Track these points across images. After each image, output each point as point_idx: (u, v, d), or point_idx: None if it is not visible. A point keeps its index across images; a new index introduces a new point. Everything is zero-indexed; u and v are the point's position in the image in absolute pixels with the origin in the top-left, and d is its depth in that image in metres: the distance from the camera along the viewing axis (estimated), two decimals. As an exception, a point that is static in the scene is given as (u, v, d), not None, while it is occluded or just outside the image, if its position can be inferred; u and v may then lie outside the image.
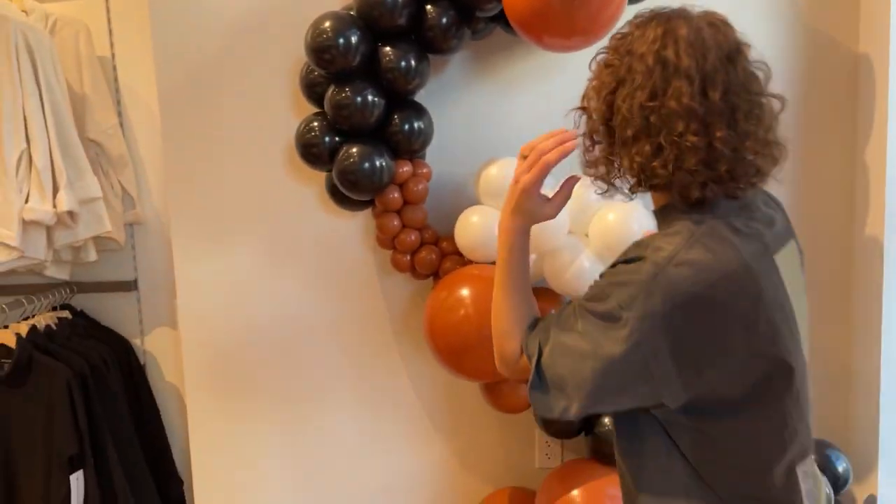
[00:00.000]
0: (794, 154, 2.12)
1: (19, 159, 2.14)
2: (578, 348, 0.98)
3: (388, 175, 1.92)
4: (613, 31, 1.12)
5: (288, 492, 2.37)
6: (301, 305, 2.29)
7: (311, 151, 1.96)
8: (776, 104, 1.06)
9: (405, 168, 1.96)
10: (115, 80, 2.52)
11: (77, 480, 2.21)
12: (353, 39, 1.82)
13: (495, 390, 2.02)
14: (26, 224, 2.16)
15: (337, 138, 1.93)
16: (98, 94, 2.44)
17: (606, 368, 0.95)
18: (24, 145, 2.14)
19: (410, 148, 1.94)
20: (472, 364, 1.87)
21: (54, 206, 2.17)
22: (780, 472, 0.98)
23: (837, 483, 1.95)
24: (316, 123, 1.95)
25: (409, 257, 2.06)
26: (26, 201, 2.16)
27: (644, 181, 1.00)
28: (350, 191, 1.93)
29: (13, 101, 2.12)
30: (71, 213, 2.22)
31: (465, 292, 1.88)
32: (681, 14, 1.02)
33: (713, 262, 0.94)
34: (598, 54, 1.08)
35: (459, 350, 1.86)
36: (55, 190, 2.19)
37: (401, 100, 1.94)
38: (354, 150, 1.88)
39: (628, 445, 1.06)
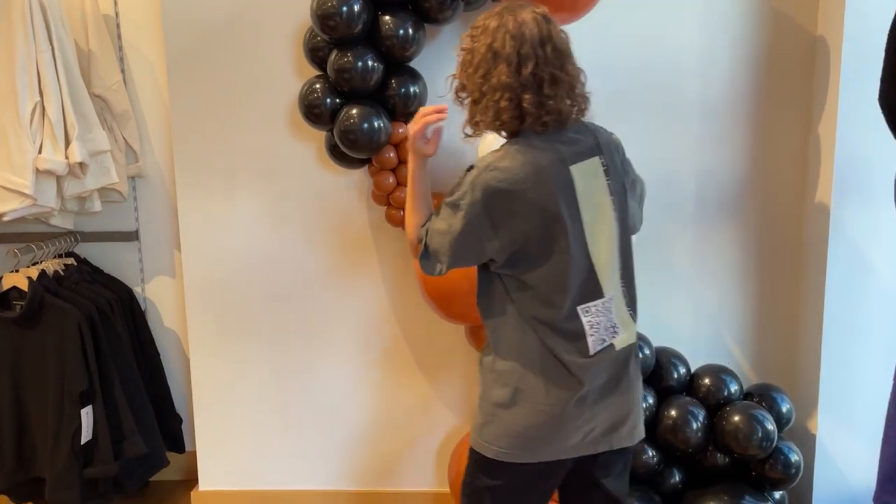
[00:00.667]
0: (755, 126, 2.33)
1: (33, 111, 2.25)
2: (441, 228, 1.49)
3: (386, 135, 2.08)
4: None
5: (282, 429, 2.55)
6: (298, 257, 2.45)
7: (314, 112, 2.11)
8: (578, 72, 1.49)
9: (401, 129, 2.12)
10: (119, 37, 2.62)
11: (87, 415, 2.37)
12: (356, 8, 1.96)
13: (479, 333, 2.21)
14: (39, 173, 2.28)
15: (338, 100, 2.08)
16: (103, 52, 2.54)
17: (456, 238, 1.46)
18: (38, 98, 2.25)
19: (406, 110, 2.10)
20: (459, 308, 2.06)
21: (66, 157, 2.29)
22: (565, 308, 1.46)
23: (781, 421, 2.19)
24: (318, 85, 2.10)
25: (402, 213, 2.22)
26: (40, 151, 2.27)
27: (484, 127, 1.49)
28: (350, 149, 2.08)
29: (27, 56, 2.23)
30: (81, 165, 2.34)
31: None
32: (513, 11, 1.45)
33: (513, 167, 1.43)
34: (461, 39, 1.50)
35: (449, 296, 2.04)
36: (67, 142, 2.31)
37: (398, 65, 2.09)
38: (355, 111, 2.03)
39: (483, 297, 1.57)
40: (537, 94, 1.42)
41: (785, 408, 2.21)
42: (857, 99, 2.09)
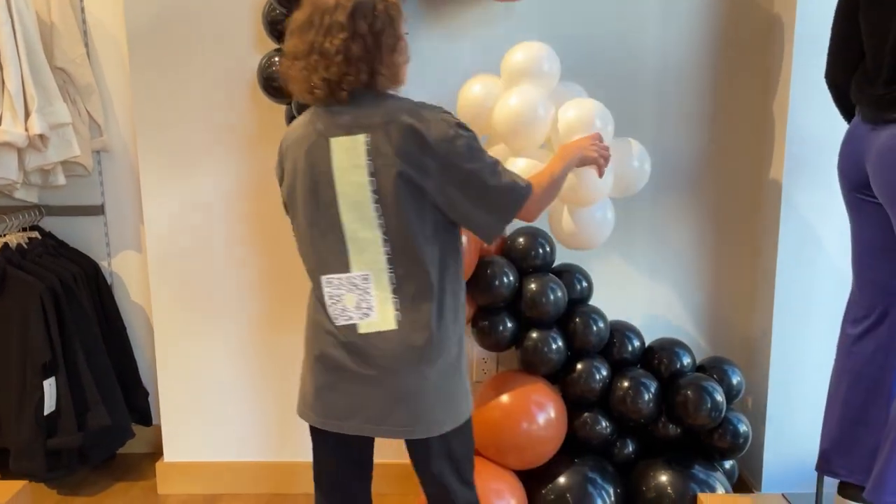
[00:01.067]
0: (712, 104, 2.37)
1: (-8, 83, 2.25)
2: None
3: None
4: None
5: (246, 402, 2.58)
6: (262, 231, 2.47)
7: (272, 85, 2.13)
8: (384, 43, 1.46)
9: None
10: (83, 11, 2.62)
11: (50, 386, 2.40)
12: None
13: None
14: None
15: (296, 73, 2.09)
16: (65, 25, 2.54)
17: None
18: (-3, 70, 2.26)
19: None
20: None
21: (26, 129, 2.30)
22: (312, 271, 1.56)
23: (731, 393, 2.25)
24: (277, 59, 2.11)
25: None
26: (-1, 124, 2.28)
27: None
28: (308, 123, 2.10)
29: (-14, 28, 2.23)
30: (42, 137, 2.35)
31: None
32: None
33: (288, 130, 1.58)
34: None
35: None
36: (27, 115, 2.31)
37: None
38: (312, 84, 2.05)
39: None
40: (307, 62, 1.44)
41: (735, 380, 2.27)
42: (809, 78, 2.12)
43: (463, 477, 1.63)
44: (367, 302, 1.50)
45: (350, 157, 1.46)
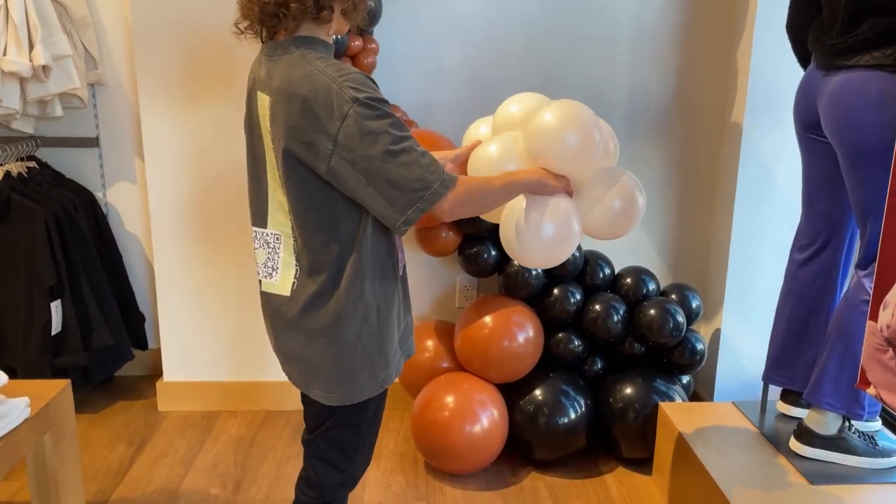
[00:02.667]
0: (682, 52, 2.55)
1: (-4, 13, 2.31)
2: None
3: (342, 46, 2.22)
4: None
5: (243, 325, 2.73)
6: (258, 163, 2.59)
7: (274, 22, 2.22)
8: None
9: (356, 42, 2.27)
10: (76, -57, 2.65)
11: (56, 308, 2.52)
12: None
13: (427, 235, 2.43)
14: (4, 75, 2.35)
15: (298, 11, 2.20)
16: (60, -44, 2.58)
17: None
18: (2, 1, 2.31)
19: (361, 23, 2.24)
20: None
21: (30, 59, 2.37)
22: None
23: (691, 315, 2.49)
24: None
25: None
26: (4, 54, 2.34)
27: None
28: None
29: (-11, -43, 2.27)
30: (44, 68, 2.42)
31: (405, 151, 2.24)
32: None
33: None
34: None
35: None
36: (31, 45, 2.38)
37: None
38: (314, 22, 2.16)
39: None
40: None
41: (695, 304, 2.51)
42: (771, 28, 2.32)
43: (331, 460, 1.50)
44: (275, 262, 1.41)
45: (264, 116, 1.34)
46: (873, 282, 1.60)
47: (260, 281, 1.47)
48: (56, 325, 2.53)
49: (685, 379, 2.53)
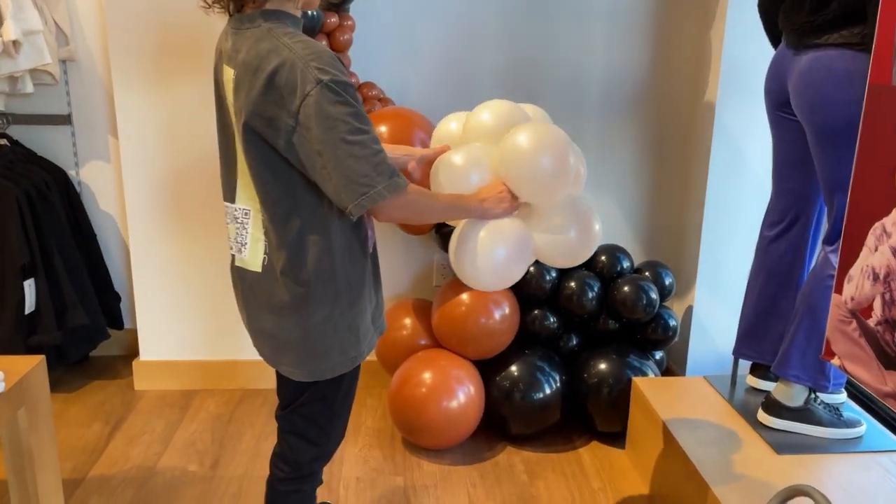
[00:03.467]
0: (655, 32, 2.57)
1: (-37, -14, 2.26)
2: None
3: (318, 22, 2.21)
4: None
5: (219, 306, 2.72)
6: (233, 141, 2.58)
7: (249, -3, 2.21)
8: None
9: (333, 19, 2.26)
10: (45, -84, 2.60)
11: (29, 287, 2.50)
12: None
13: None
14: (-28, 50, 2.31)
15: (273, -13, 2.19)
16: (29, -71, 2.53)
17: None
18: (-31, -27, 2.26)
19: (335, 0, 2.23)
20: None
21: (0, 34, 2.33)
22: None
23: (664, 292, 2.53)
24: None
25: (333, 99, 2.38)
26: (-28, 28, 2.30)
27: None
28: (284, 35, 2.20)
29: (-45, -72, 2.22)
30: (14, 43, 2.38)
31: (381, 129, 2.24)
32: None
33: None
34: None
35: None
36: (0, 21, 2.34)
37: (331, -44, 2.20)
38: (289, -2, 2.15)
39: None
40: None
41: (668, 281, 2.55)
42: (743, 7, 2.34)
43: (305, 434, 1.52)
44: (244, 238, 1.41)
45: (228, 92, 1.35)
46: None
47: (232, 256, 1.47)
48: (30, 304, 2.51)
49: (658, 355, 2.57)
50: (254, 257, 1.40)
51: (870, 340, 1.53)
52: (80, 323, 2.60)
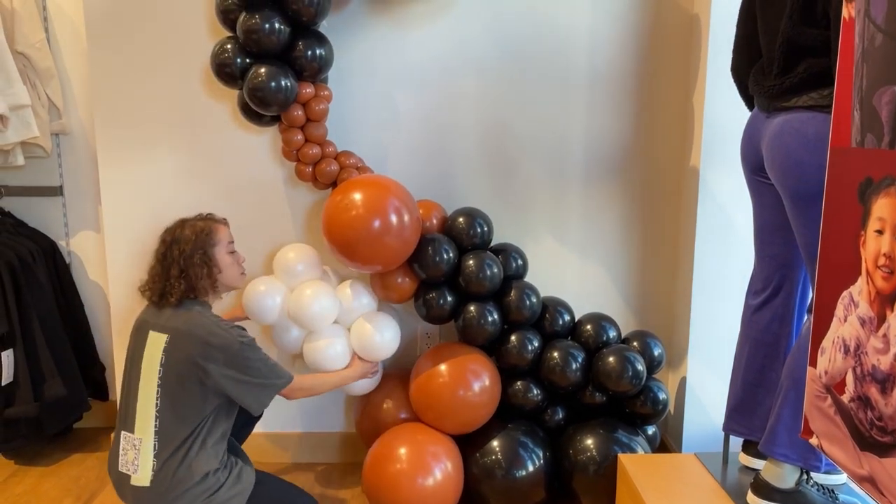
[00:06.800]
0: (639, 97, 2.55)
1: (-47, 64, 2.34)
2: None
3: (293, 94, 2.23)
4: None
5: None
6: (214, 210, 2.57)
7: (225, 71, 2.24)
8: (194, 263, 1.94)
9: (308, 90, 2.27)
10: (43, -3, 2.71)
11: (7, 357, 2.49)
12: (264, -27, 2.09)
13: (383, 281, 2.39)
14: (-40, 124, 2.37)
15: (248, 60, 2.22)
16: (26, 10, 2.63)
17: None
18: (-42, 52, 2.34)
19: (312, 71, 2.25)
20: (363, 254, 2.22)
21: (-14, 109, 2.39)
22: (119, 422, 1.98)
23: (653, 363, 2.42)
24: (229, 46, 2.23)
25: (311, 168, 2.38)
26: (-40, 103, 2.36)
27: None
28: (259, 107, 2.23)
29: (-53, 10, 2.31)
30: (2, 118, 2.44)
31: (357, 196, 2.22)
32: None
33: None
34: None
35: (353, 242, 2.21)
36: (-13, 95, 2.40)
37: (304, 29, 2.23)
38: (263, 70, 2.18)
39: None
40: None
41: (657, 352, 2.44)
42: (723, 73, 2.31)
43: None
44: (137, 459, 1.89)
45: (156, 349, 1.89)
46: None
47: (128, 475, 1.89)
48: (7, 375, 2.49)
49: (650, 430, 2.44)
50: (144, 479, 1.89)
51: (844, 418, 1.42)
52: (58, 394, 2.58)
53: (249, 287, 2.38)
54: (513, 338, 2.38)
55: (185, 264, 1.89)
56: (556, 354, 2.36)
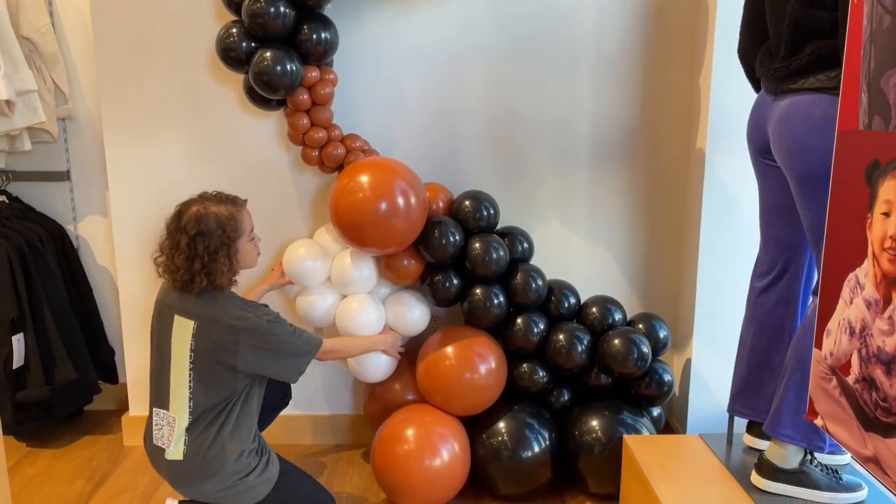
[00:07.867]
0: (644, 79, 2.54)
1: (-40, 50, 2.34)
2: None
3: (298, 77, 2.23)
4: None
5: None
6: (222, 194, 2.59)
7: (230, 55, 2.24)
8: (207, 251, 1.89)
9: (313, 73, 2.27)
10: (47, -19, 2.70)
11: (18, 341, 2.51)
12: (269, -44, 2.08)
13: (391, 263, 2.40)
14: (-33, 110, 2.38)
15: (253, 44, 2.22)
16: (31, -5, 2.62)
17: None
18: (-35, 37, 2.34)
19: (317, 55, 2.25)
20: (370, 236, 2.23)
21: (-7, 95, 2.39)
22: (152, 400, 2.00)
23: (658, 345, 2.44)
24: (234, 30, 2.23)
25: (317, 152, 2.38)
26: (-33, 89, 2.37)
27: None
28: (264, 90, 2.23)
29: (-48, -5, 2.31)
30: (8, 103, 2.45)
31: (363, 178, 2.23)
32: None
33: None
34: None
35: (360, 225, 2.22)
36: (-7, 81, 2.41)
37: (310, 12, 2.23)
38: (268, 54, 2.18)
39: None
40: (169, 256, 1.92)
41: (662, 334, 2.45)
42: (729, 56, 2.30)
43: None
44: (172, 435, 1.94)
45: (184, 334, 1.91)
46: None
47: (163, 449, 1.95)
48: (18, 359, 2.52)
49: (655, 411, 2.46)
50: (177, 450, 1.96)
51: (849, 399, 1.43)
52: (69, 378, 2.60)
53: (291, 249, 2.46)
54: (519, 320, 2.39)
55: (208, 260, 1.87)
56: (561, 337, 2.38)
